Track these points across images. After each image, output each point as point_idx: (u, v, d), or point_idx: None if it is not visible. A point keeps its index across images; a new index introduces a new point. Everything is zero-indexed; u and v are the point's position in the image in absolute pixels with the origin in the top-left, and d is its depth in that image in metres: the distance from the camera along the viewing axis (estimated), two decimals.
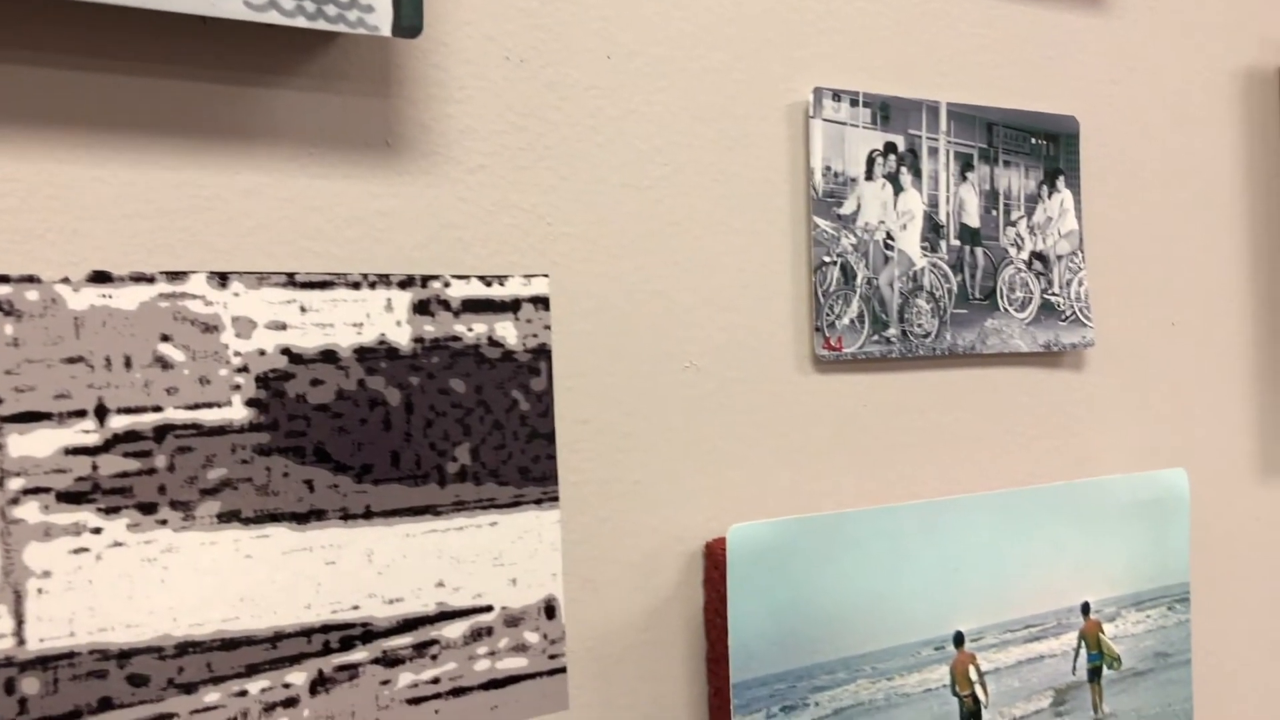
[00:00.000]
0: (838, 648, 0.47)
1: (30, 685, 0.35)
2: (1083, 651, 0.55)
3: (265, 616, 0.38)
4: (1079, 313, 0.59)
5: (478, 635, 0.43)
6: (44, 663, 0.35)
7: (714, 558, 0.47)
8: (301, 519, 0.39)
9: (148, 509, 0.37)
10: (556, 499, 0.45)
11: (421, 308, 0.42)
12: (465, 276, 0.43)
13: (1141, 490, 0.57)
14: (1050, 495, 0.54)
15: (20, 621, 0.35)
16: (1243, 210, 0.68)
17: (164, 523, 0.37)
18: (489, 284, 0.43)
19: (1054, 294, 0.59)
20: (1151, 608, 0.57)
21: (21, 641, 0.35)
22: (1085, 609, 0.55)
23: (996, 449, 0.57)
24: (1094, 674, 0.55)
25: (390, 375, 0.41)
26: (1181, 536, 0.59)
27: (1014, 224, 0.57)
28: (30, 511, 0.35)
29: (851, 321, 0.51)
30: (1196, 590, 0.64)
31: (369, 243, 0.41)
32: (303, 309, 0.39)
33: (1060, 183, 0.59)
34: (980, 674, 0.51)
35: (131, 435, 0.36)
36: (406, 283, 0.41)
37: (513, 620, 0.43)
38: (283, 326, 0.39)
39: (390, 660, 0.41)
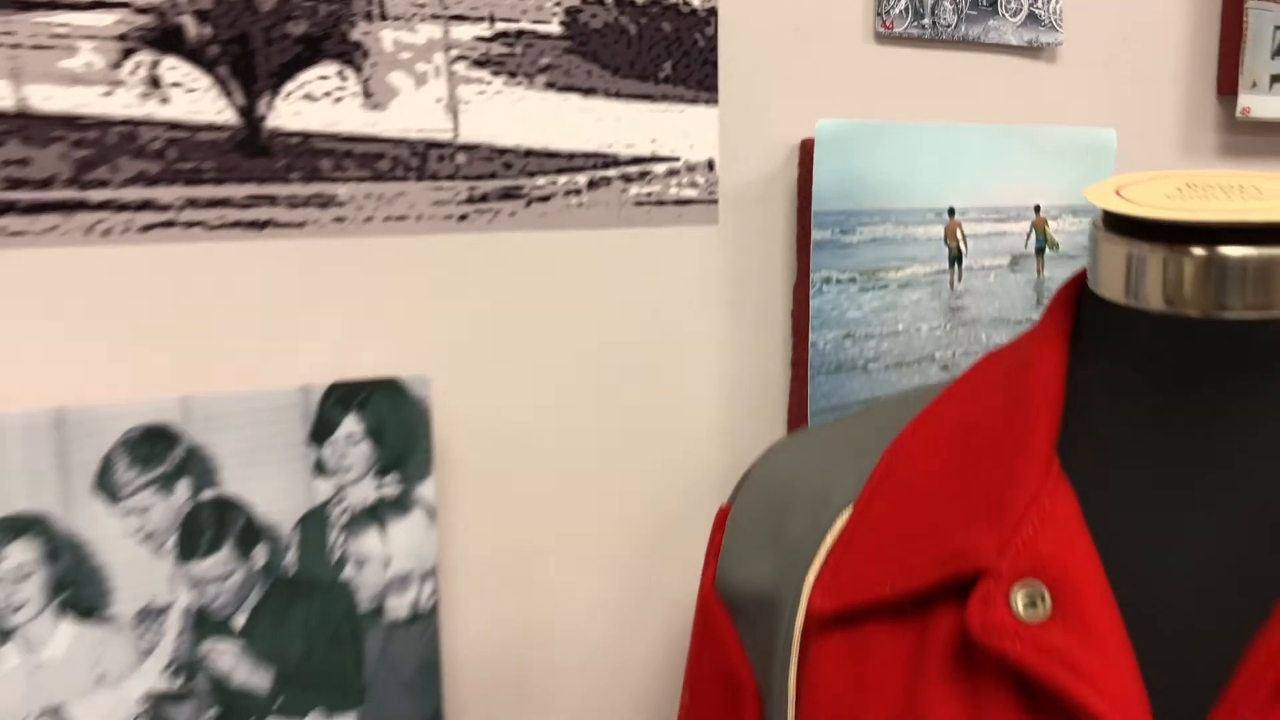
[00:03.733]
0: (876, 204, 0.79)
1: (461, 158, 0.68)
2: (1033, 235, 0.87)
3: (566, 143, 0.71)
4: (1054, 21, 0.88)
5: (672, 173, 0.75)
6: (466, 148, 0.68)
7: (806, 149, 0.79)
8: (585, 91, 0.71)
9: (512, 74, 0.69)
10: (716, 102, 0.76)
11: None
12: None
13: (1082, 139, 0.88)
14: (1020, 133, 0.85)
15: (456, 125, 0.68)
16: None
17: (519, 84, 0.69)
18: None
19: (1038, 8, 0.88)
20: (1084, 216, 0.89)
21: (457, 134, 0.68)
22: (1037, 209, 0.87)
23: (989, 99, 0.87)
24: (1039, 251, 0.87)
25: (630, 14, 0.72)
26: (1109, 173, 0.89)
27: None
28: (460, 68, 0.67)
29: (900, 11, 0.81)
30: None
31: None
32: None
33: None
34: (963, 235, 0.83)
35: (504, 34, 0.68)
36: None
37: (690, 168, 0.76)
38: None
39: (626, 178, 0.74)
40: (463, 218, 0.68)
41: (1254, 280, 0.48)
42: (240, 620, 0.61)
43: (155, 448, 0.58)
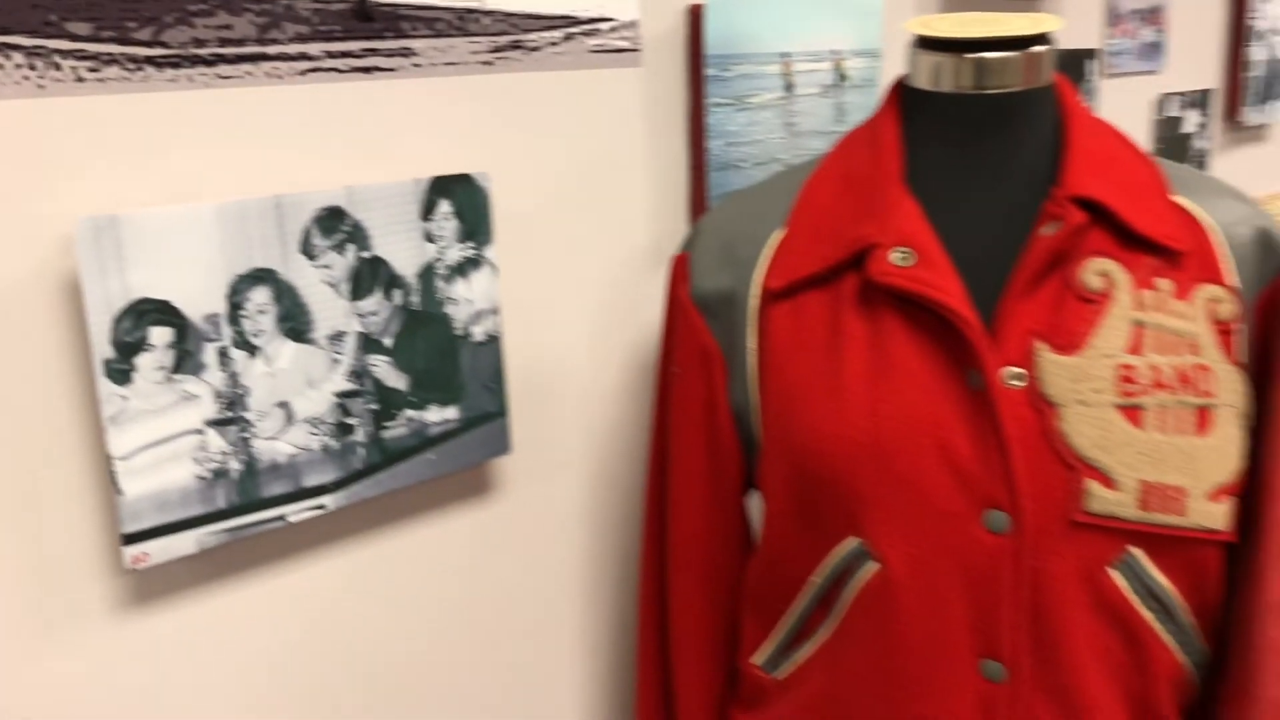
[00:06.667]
0: (742, 49, 1.14)
1: (486, 20, 0.97)
2: (834, 71, 1.25)
3: (548, 9, 1.01)
4: None
5: (613, 29, 1.07)
6: (488, 13, 0.97)
7: (694, 11, 1.12)
8: None
9: None
10: None
11: None
12: None
13: (862, 2, 1.26)
14: (825, 0, 1.22)
15: None
16: None
17: None
18: None
19: None
20: (864, 58, 1.28)
21: (483, 2, 0.96)
22: (835, 52, 1.25)
23: None
24: (838, 82, 1.26)
25: None
26: (877, 24, 1.29)
27: None
28: None
29: None
30: None
31: None
32: None
33: None
34: (793, 72, 1.20)
35: None
36: None
37: (624, 25, 1.08)
38: None
39: (585, 34, 1.04)
40: (489, 63, 0.98)
41: (1000, 70, 0.87)
42: (388, 342, 0.90)
43: (334, 222, 0.86)
